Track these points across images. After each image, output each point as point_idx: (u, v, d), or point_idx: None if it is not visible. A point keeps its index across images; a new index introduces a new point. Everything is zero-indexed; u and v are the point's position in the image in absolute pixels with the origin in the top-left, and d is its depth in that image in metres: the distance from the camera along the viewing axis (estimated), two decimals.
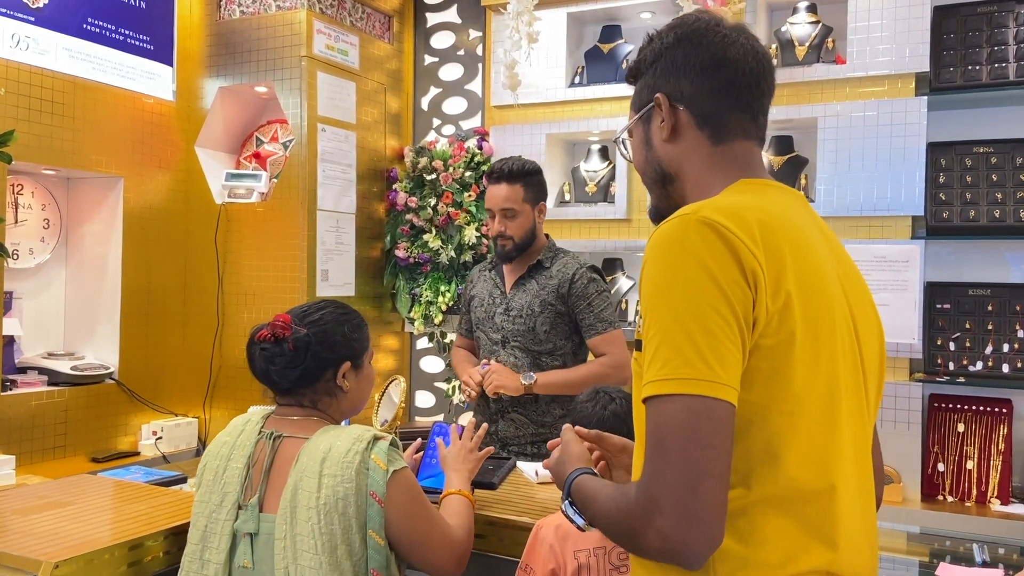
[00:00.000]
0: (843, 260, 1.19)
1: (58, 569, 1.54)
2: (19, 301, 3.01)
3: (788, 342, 1.01)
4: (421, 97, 3.63)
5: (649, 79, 1.22)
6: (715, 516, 0.94)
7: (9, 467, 2.59)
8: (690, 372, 0.95)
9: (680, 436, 0.95)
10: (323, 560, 1.46)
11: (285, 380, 1.62)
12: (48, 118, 2.80)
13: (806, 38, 2.94)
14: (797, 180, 2.99)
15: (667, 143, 1.20)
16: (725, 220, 1.01)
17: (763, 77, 1.18)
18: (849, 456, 1.08)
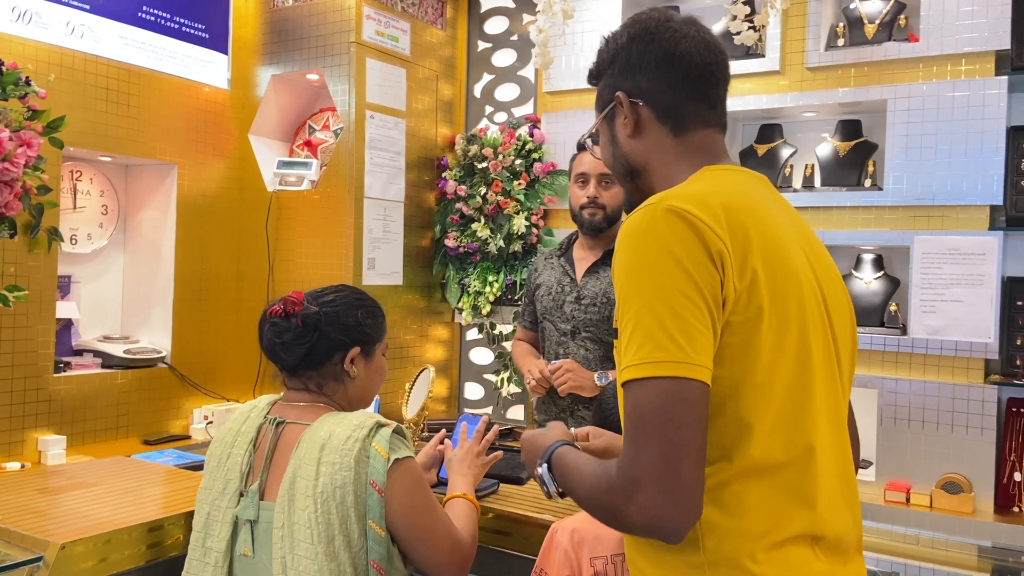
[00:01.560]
0: (809, 239, 1.24)
1: (64, 550, 1.55)
2: (77, 285, 3.08)
3: (756, 317, 1.06)
4: (474, 84, 3.57)
5: (608, 79, 1.29)
6: (693, 491, 1.00)
7: (60, 447, 2.65)
8: (662, 355, 1.00)
9: (657, 417, 1.00)
10: (319, 550, 1.41)
11: (291, 356, 1.58)
12: (103, 105, 2.85)
13: (876, 15, 2.75)
14: (864, 167, 2.80)
15: (631, 139, 1.26)
16: (689, 206, 1.06)
17: (716, 67, 1.24)
18: (824, 423, 1.13)
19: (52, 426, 2.70)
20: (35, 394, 2.65)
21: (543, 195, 3.22)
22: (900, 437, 2.63)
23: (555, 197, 3.23)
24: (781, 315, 1.09)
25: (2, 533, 1.61)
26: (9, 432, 2.57)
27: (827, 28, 2.83)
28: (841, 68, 2.77)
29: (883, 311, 2.75)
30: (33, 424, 2.65)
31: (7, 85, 2.38)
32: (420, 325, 3.41)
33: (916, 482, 2.58)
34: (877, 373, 2.68)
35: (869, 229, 2.73)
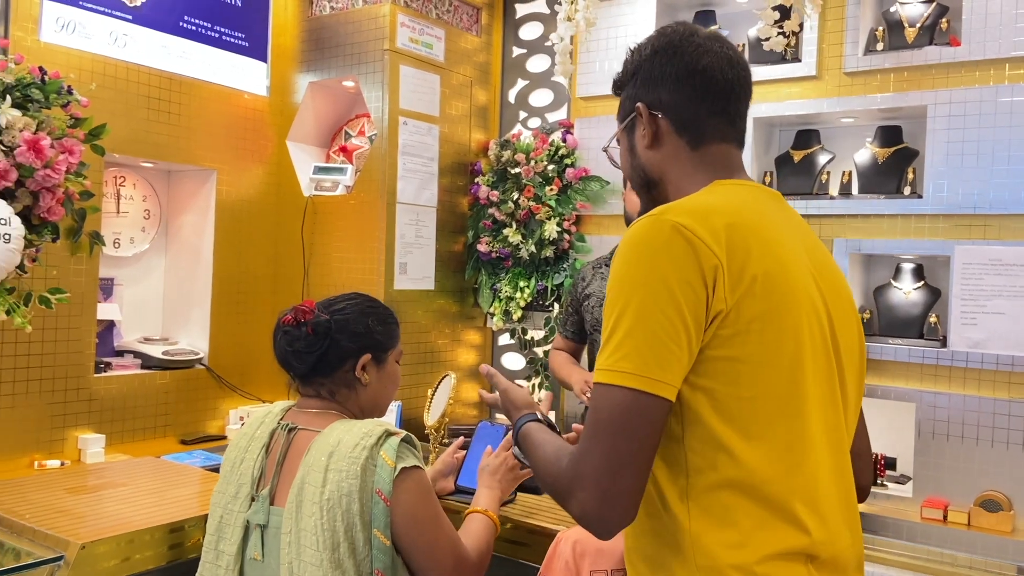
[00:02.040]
0: (818, 256, 1.24)
1: (85, 550, 1.59)
2: (120, 288, 3.17)
3: (746, 331, 1.08)
4: (508, 89, 3.57)
5: (631, 90, 1.31)
6: (629, 499, 1.05)
7: (99, 446, 2.72)
8: (628, 366, 1.05)
9: (610, 424, 1.05)
10: (324, 557, 1.43)
11: (302, 364, 1.60)
12: (145, 113, 2.92)
13: (917, 19, 2.68)
14: (904, 174, 2.72)
15: (649, 150, 1.28)
16: (688, 221, 1.09)
17: (737, 83, 1.26)
18: (821, 441, 1.13)
19: (92, 425, 2.78)
20: (76, 394, 2.73)
21: (575, 200, 3.21)
22: (938, 453, 2.55)
23: (587, 203, 3.21)
24: (776, 330, 1.10)
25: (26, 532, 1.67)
26: (51, 430, 2.66)
27: (866, 32, 2.76)
28: (880, 73, 2.70)
29: (923, 323, 2.67)
30: (74, 423, 2.73)
31: (50, 94, 2.46)
32: (453, 330, 3.42)
33: (954, 499, 2.50)
34: (916, 387, 2.61)
35: (908, 238, 2.66)
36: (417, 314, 3.25)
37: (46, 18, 2.63)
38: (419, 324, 3.26)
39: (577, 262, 3.21)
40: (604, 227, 3.23)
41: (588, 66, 3.25)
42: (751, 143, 2.89)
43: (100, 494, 1.93)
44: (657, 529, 1.13)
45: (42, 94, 2.44)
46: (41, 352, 2.63)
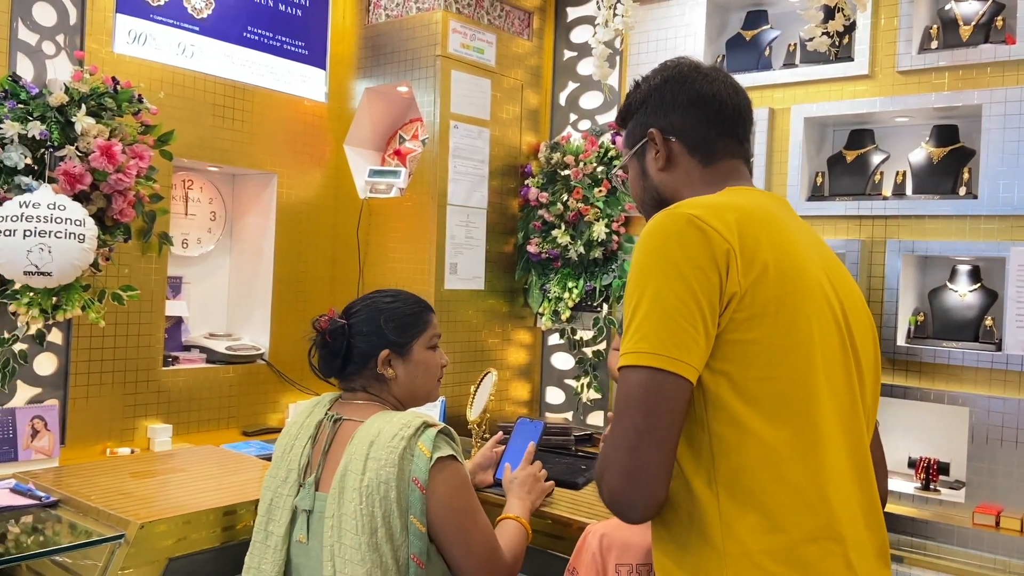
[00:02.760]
0: (828, 257, 1.30)
1: (143, 529, 1.70)
2: (188, 286, 3.32)
3: (761, 314, 1.13)
4: (559, 92, 3.62)
5: (641, 117, 1.39)
6: (653, 476, 1.07)
7: (166, 435, 2.87)
8: (645, 347, 1.10)
9: (630, 403, 1.10)
10: (363, 541, 1.50)
11: (329, 368, 1.70)
12: (211, 119, 3.06)
13: (972, 16, 2.63)
14: (959, 174, 2.67)
15: (662, 171, 1.36)
16: (701, 212, 1.15)
17: (743, 108, 1.36)
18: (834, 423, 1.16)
19: (160, 415, 2.93)
20: (146, 386, 2.89)
21: (624, 202, 3.23)
22: (992, 458, 2.50)
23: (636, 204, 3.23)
24: (790, 312, 1.14)
25: (92, 512, 1.79)
26: (123, 420, 2.81)
27: (920, 31, 2.72)
28: (934, 72, 2.66)
29: (978, 325, 2.62)
30: (144, 413, 2.88)
31: (122, 102, 2.62)
32: (503, 329, 3.48)
33: (1007, 505, 2.45)
34: (970, 390, 2.56)
35: (963, 239, 2.61)
36: (468, 313, 3.32)
37: (119, 31, 2.79)
38: (470, 323, 3.33)
39: (625, 263, 3.24)
40: None
41: (638, 68, 3.27)
42: (802, 143, 2.88)
43: (161, 478, 2.05)
44: (683, 517, 1.15)
45: (114, 103, 2.59)
46: (114, 346, 2.79)
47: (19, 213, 2.33)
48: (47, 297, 2.47)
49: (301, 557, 1.61)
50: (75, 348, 2.70)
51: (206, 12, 3.05)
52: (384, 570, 1.49)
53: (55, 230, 2.36)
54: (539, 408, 3.60)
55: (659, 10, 3.23)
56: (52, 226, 2.36)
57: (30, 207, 2.35)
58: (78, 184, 2.48)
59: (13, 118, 2.38)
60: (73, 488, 1.94)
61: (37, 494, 1.93)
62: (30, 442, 2.46)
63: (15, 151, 2.38)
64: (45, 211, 2.36)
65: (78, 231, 2.42)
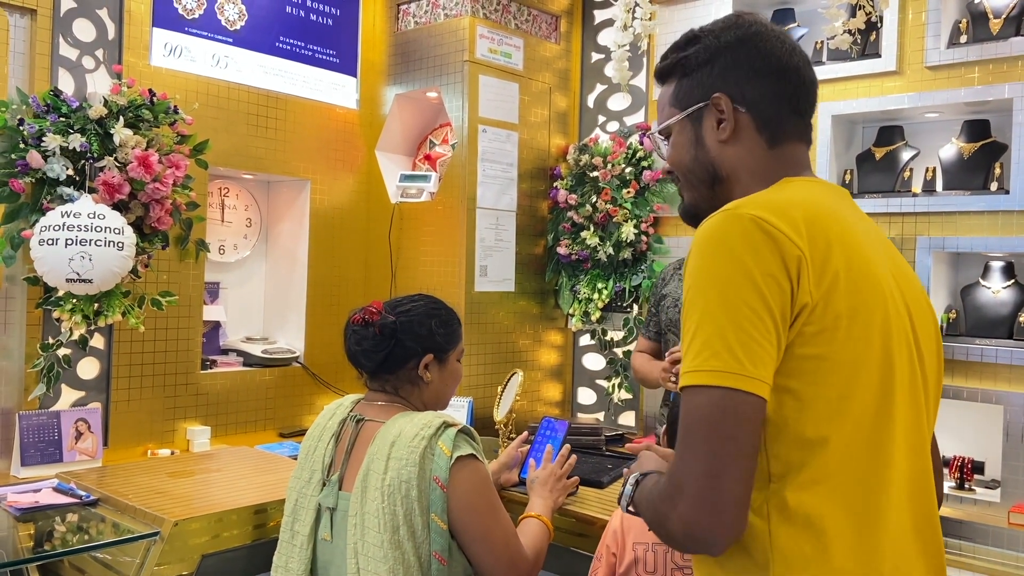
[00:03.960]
0: (893, 255, 1.20)
1: (177, 527, 1.76)
2: (225, 291, 3.41)
3: (833, 328, 1.03)
4: (587, 94, 3.63)
5: (704, 77, 1.21)
6: (735, 506, 0.98)
7: (205, 436, 2.95)
8: (718, 364, 0.99)
9: (705, 427, 0.99)
10: (385, 539, 1.54)
11: (370, 362, 1.72)
12: (245, 128, 3.14)
13: (1003, 9, 2.58)
14: (991, 169, 2.63)
15: (724, 144, 1.21)
16: (767, 214, 1.04)
17: (815, 84, 1.23)
18: (901, 447, 1.08)
19: (199, 418, 3.01)
20: (184, 389, 2.97)
21: (652, 203, 3.24)
22: None
23: (664, 204, 3.24)
24: (863, 325, 1.05)
25: (128, 510, 1.86)
26: (163, 422, 2.90)
27: (948, 25, 2.69)
28: (964, 66, 2.62)
29: (1012, 322, 2.58)
30: (183, 415, 2.96)
31: (158, 114, 2.70)
32: (535, 330, 3.51)
33: None
34: (1004, 388, 2.52)
35: (996, 236, 2.57)
36: (499, 315, 3.35)
37: (155, 44, 2.88)
38: (501, 325, 3.36)
39: (655, 264, 3.24)
40: (681, 228, 3.25)
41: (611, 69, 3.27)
42: (830, 141, 2.86)
43: (196, 478, 2.12)
44: None
45: (151, 114, 2.68)
46: (153, 350, 2.88)
47: (61, 223, 2.42)
48: (89, 303, 2.56)
49: (327, 555, 1.65)
50: (116, 352, 2.78)
51: (239, 24, 3.13)
52: (406, 567, 1.53)
53: (95, 239, 2.45)
54: (571, 408, 3.62)
55: (685, 10, 3.23)
56: (92, 235, 2.45)
57: (71, 217, 2.44)
58: (117, 194, 2.56)
59: (55, 131, 2.47)
60: (112, 487, 2.01)
61: (78, 493, 2.01)
62: (74, 444, 2.55)
63: (57, 163, 2.47)
64: (85, 220, 2.45)
65: (117, 239, 2.50)
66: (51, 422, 2.52)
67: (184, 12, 2.96)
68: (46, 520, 1.90)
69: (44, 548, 1.74)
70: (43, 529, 1.86)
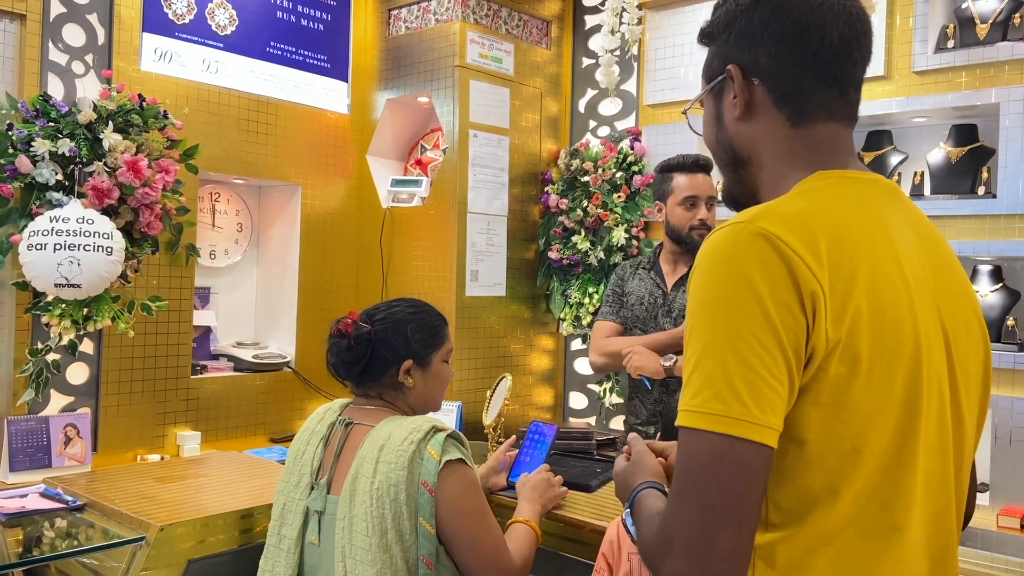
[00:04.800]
0: (940, 265, 1.05)
1: (163, 531, 1.75)
2: (216, 296, 3.40)
3: (851, 373, 0.91)
4: (579, 99, 3.65)
5: (722, 46, 1.09)
6: (728, 564, 0.88)
7: (195, 441, 2.94)
8: (719, 407, 0.88)
9: (701, 477, 0.88)
10: (373, 542, 1.54)
11: (349, 373, 1.73)
12: (236, 133, 3.14)
13: (990, 14, 2.60)
14: (979, 173, 2.65)
15: (740, 122, 1.08)
16: (784, 232, 0.91)
17: (856, 43, 1.04)
18: (920, 496, 0.97)
19: (189, 423, 3.01)
20: (175, 394, 2.96)
21: (643, 207, 3.25)
22: (1016, 459, 2.46)
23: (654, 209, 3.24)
24: (886, 371, 0.93)
25: (115, 515, 1.85)
26: (152, 427, 2.89)
27: (936, 30, 2.71)
28: (951, 71, 2.64)
29: (1000, 325, 2.59)
30: (173, 421, 2.96)
31: (148, 118, 2.70)
32: (526, 335, 3.51)
33: None
34: (992, 392, 2.52)
35: (984, 239, 2.58)
36: (490, 320, 3.35)
37: (146, 49, 2.88)
38: (493, 329, 3.36)
39: None
40: None
41: (655, 73, 3.29)
42: None
43: (184, 483, 2.12)
44: None
45: (141, 119, 2.68)
46: (143, 355, 2.87)
47: (50, 227, 2.41)
48: (78, 308, 2.56)
49: (314, 559, 1.65)
50: (106, 358, 2.78)
51: (230, 29, 3.13)
52: (394, 570, 1.52)
53: (84, 243, 2.45)
54: (562, 413, 3.62)
55: (675, 15, 3.25)
56: (81, 239, 2.44)
57: (60, 221, 2.43)
58: (106, 199, 2.56)
59: (44, 136, 2.47)
60: (99, 492, 2.01)
61: (65, 498, 2.01)
62: (63, 449, 2.55)
63: (46, 168, 2.47)
64: (74, 225, 2.45)
65: (106, 244, 2.50)
66: (40, 427, 2.51)
67: (174, 17, 2.96)
68: (33, 525, 1.90)
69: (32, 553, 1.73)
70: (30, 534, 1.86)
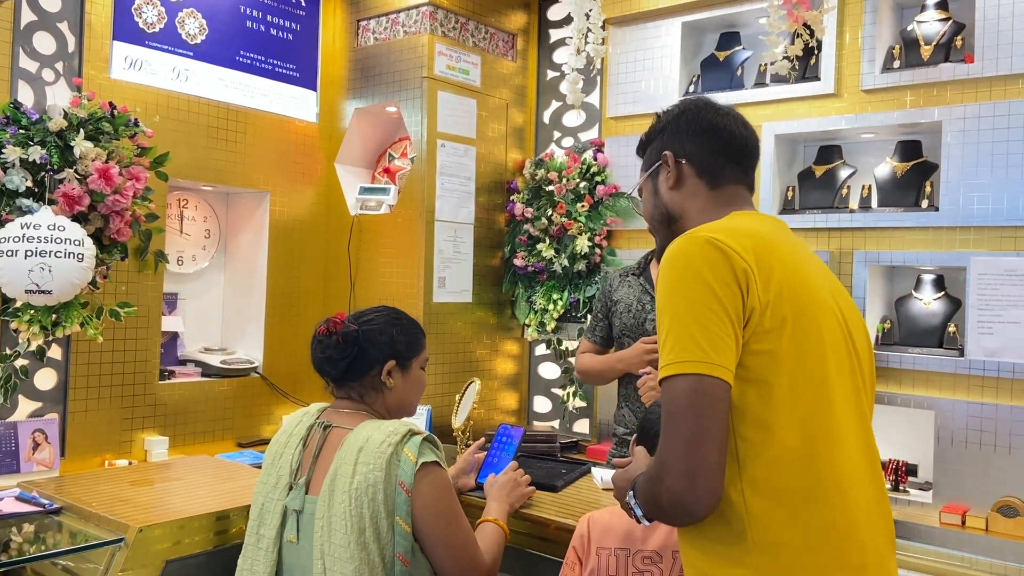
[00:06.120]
0: (829, 275, 1.44)
1: (142, 533, 1.79)
2: (183, 302, 3.42)
3: (779, 327, 1.25)
4: (543, 111, 3.74)
5: (658, 143, 1.53)
6: (712, 473, 1.16)
7: (163, 447, 2.97)
8: (687, 356, 1.19)
9: (681, 408, 1.18)
10: (351, 540, 1.60)
11: (335, 369, 1.79)
12: (205, 140, 3.17)
13: (933, 36, 2.75)
14: (922, 187, 2.79)
15: (672, 190, 1.49)
16: (720, 236, 1.27)
17: (749, 140, 1.50)
18: (848, 423, 1.29)
19: (157, 428, 3.03)
20: (143, 399, 2.98)
21: (606, 216, 3.35)
22: (957, 459, 2.60)
23: (617, 218, 3.35)
24: (804, 327, 1.27)
25: (93, 517, 1.88)
26: (120, 432, 2.91)
27: (883, 51, 2.85)
28: (897, 90, 2.78)
29: (942, 332, 2.73)
30: (141, 426, 2.98)
31: (119, 126, 2.72)
32: (492, 340, 3.59)
33: (973, 505, 2.55)
34: (935, 395, 2.67)
35: (927, 250, 2.72)
36: (457, 325, 3.42)
37: (116, 57, 2.90)
38: (459, 335, 3.43)
39: None
40: (634, 241, 3.36)
41: (618, 87, 3.40)
42: (773, 159, 3.00)
43: (158, 486, 2.15)
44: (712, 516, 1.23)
45: (112, 127, 2.70)
46: (112, 361, 2.89)
47: (20, 234, 2.43)
48: (47, 314, 2.57)
49: (292, 557, 1.70)
50: (74, 363, 2.79)
51: (200, 38, 3.16)
52: (371, 567, 1.59)
53: (55, 250, 2.47)
54: (527, 416, 3.71)
55: (637, 31, 3.36)
56: (52, 246, 2.46)
57: (31, 228, 2.45)
58: (77, 205, 2.58)
59: (15, 143, 2.49)
60: (75, 495, 2.03)
61: (41, 502, 2.03)
62: (31, 454, 2.56)
63: (16, 175, 2.48)
64: (45, 232, 2.47)
65: (77, 251, 2.52)
66: (8, 433, 2.52)
67: (145, 26, 2.99)
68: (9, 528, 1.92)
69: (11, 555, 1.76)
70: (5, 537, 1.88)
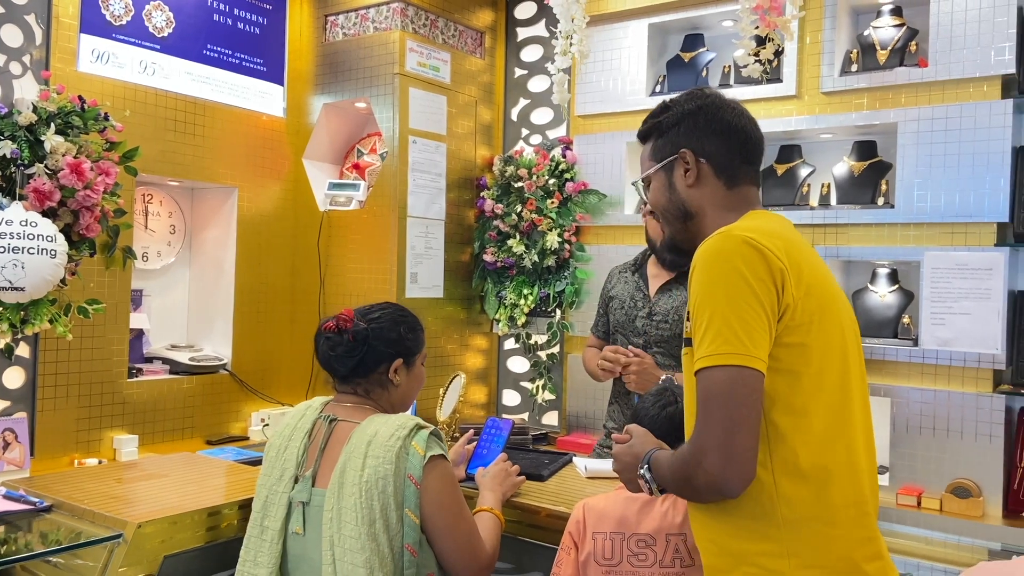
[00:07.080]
0: (824, 265, 1.51)
1: (140, 529, 1.79)
2: (148, 299, 3.37)
3: (808, 323, 1.35)
4: (511, 108, 3.79)
5: (673, 137, 1.57)
6: (748, 457, 1.27)
7: (132, 445, 2.93)
8: (728, 348, 1.29)
9: (721, 397, 1.28)
10: (362, 531, 1.63)
11: (343, 367, 1.81)
12: (172, 135, 3.13)
13: (889, 41, 2.89)
14: (878, 185, 2.93)
15: (690, 188, 1.55)
16: (756, 236, 1.36)
17: (761, 142, 1.58)
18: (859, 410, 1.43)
19: (125, 426, 2.99)
20: (111, 397, 2.94)
21: (575, 212, 3.42)
22: (912, 444, 2.75)
23: (586, 214, 3.42)
24: (828, 322, 1.39)
25: (86, 515, 1.87)
26: (88, 431, 2.86)
27: (841, 55, 2.98)
28: (854, 92, 2.91)
29: (897, 323, 2.87)
30: (109, 424, 2.93)
31: (88, 120, 2.68)
32: (461, 335, 3.63)
33: (927, 487, 2.70)
34: (891, 382, 2.81)
35: (883, 245, 2.86)
36: (427, 320, 3.42)
37: (83, 50, 2.85)
38: (429, 330, 3.43)
39: (578, 271, 3.42)
40: (602, 237, 3.45)
41: (586, 87, 3.47)
42: None
43: (146, 483, 2.14)
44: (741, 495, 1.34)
45: (81, 121, 2.65)
46: (80, 359, 2.84)
47: None
48: (15, 312, 2.52)
49: (298, 548, 1.72)
50: (42, 361, 2.74)
51: (167, 31, 3.12)
52: (381, 558, 1.62)
53: (28, 246, 2.42)
54: (496, 410, 3.76)
55: (604, 32, 3.43)
56: (25, 242, 2.41)
57: (3, 224, 2.40)
58: (47, 201, 2.53)
59: None
60: (64, 493, 2.01)
61: (31, 500, 2.00)
62: (1, 454, 2.50)
63: None
64: (17, 228, 2.42)
65: (50, 247, 2.47)
66: None
67: (112, 19, 2.94)
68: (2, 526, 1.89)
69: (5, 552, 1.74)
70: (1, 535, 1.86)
